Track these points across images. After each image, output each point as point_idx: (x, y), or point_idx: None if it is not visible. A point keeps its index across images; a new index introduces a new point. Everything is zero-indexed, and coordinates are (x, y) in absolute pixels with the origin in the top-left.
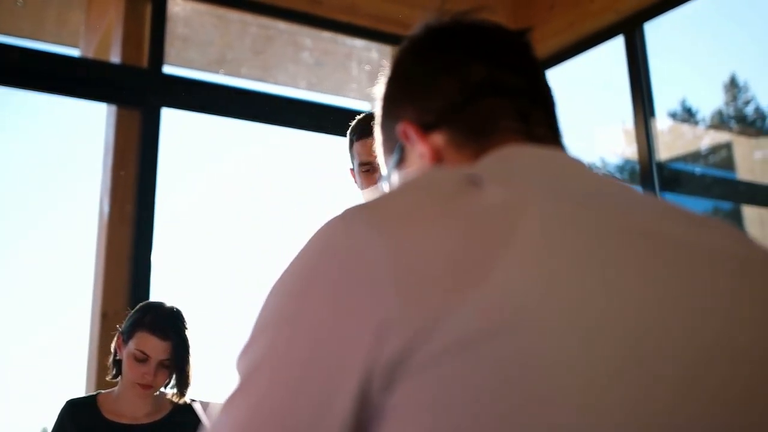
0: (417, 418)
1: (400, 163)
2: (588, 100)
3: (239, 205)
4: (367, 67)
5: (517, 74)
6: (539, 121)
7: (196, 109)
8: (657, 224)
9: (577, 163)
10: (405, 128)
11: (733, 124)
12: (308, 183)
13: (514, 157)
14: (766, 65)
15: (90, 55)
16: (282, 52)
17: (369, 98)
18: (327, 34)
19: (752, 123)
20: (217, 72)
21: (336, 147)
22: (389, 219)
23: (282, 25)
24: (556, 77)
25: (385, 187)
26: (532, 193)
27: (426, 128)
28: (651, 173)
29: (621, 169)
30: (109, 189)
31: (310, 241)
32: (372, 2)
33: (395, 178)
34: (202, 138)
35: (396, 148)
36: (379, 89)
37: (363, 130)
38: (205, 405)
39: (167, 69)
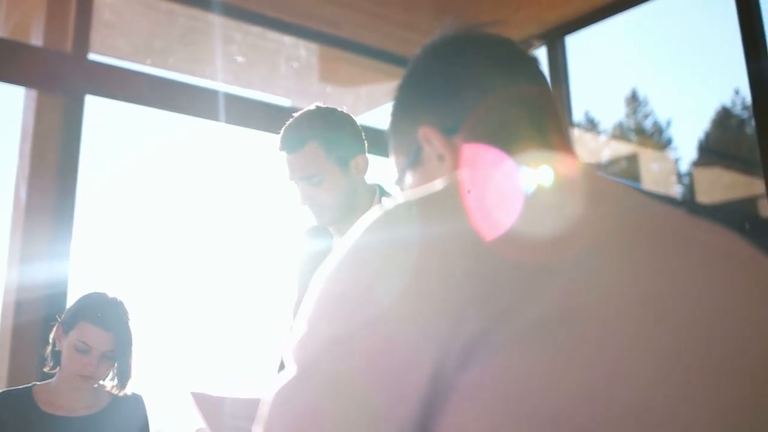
0: (490, 394)
1: (416, 164)
2: None
3: (162, 196)
4: (295, 64)
5: (531, 85)
6: (552, 130)
7: (121, 98)
8: (689, 230)
9: (594, 169)
10: (426, 132)
11: (633, 136)
12: (232, 175)
13: (542, 162)
14: (663, 82)
15: (5, 36)
16: (210, 45)
17: (297, 95)
18: (256, 29)
19: (651, 136)
20: (143, 62)
21: (261, 142)
22: (456, 215)
23: (211, 17)
24: None
25: (400, 186)
26: (579, 194)
27: (447, 133)
28: None
29: None
30: (27, 176)
31: (371, 229)
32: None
33: (410, 178)
34: (126, 127)
35: (413, 151)
36: (394, 94)
37: (295, 140)
38: (198, 396)
39: (92, 56)
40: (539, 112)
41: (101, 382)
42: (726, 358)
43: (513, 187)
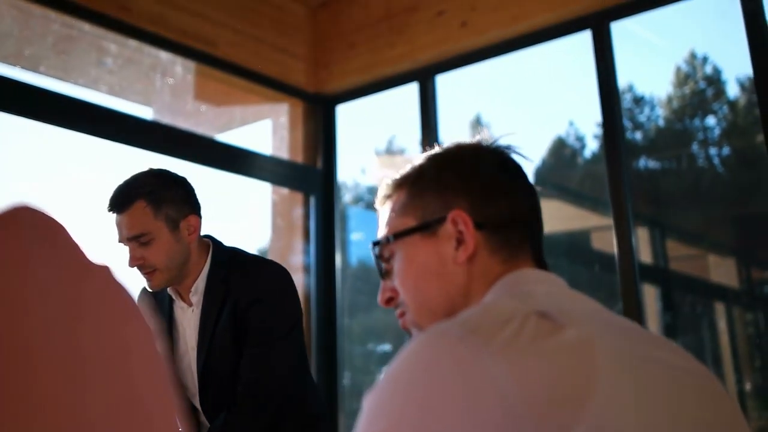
0: None
1: (427, 234)
2: (380, 138)
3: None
4: (171, 81)
5: (533, 212)
6: (539, 248)
7: None
8: (658, 351)
9: (567, 287)
10: (462, 216)
11: None
12: (98, 191)
13: (544, 284)
14: (505, 108)
15: None
16: (85, 55)
17: (171, 111)
18: (133, 42)
19: None
20: (13, 66)
21: (131, 156)
22: (507, 348)
23: (87, 27)
24: (349, 112)
25: (385, 242)
26: (587, 328)
27: (476, 226)
28: None
29: None
30: None
31: (422, 357)
32: (180, 16)
33: (412, 240)
34: None
35: (432, 221)
36: (433, 158)
37: (122, 200)
38: None
39: None
40: (535, 234)
41: None
42: None
43: (539, 328)
